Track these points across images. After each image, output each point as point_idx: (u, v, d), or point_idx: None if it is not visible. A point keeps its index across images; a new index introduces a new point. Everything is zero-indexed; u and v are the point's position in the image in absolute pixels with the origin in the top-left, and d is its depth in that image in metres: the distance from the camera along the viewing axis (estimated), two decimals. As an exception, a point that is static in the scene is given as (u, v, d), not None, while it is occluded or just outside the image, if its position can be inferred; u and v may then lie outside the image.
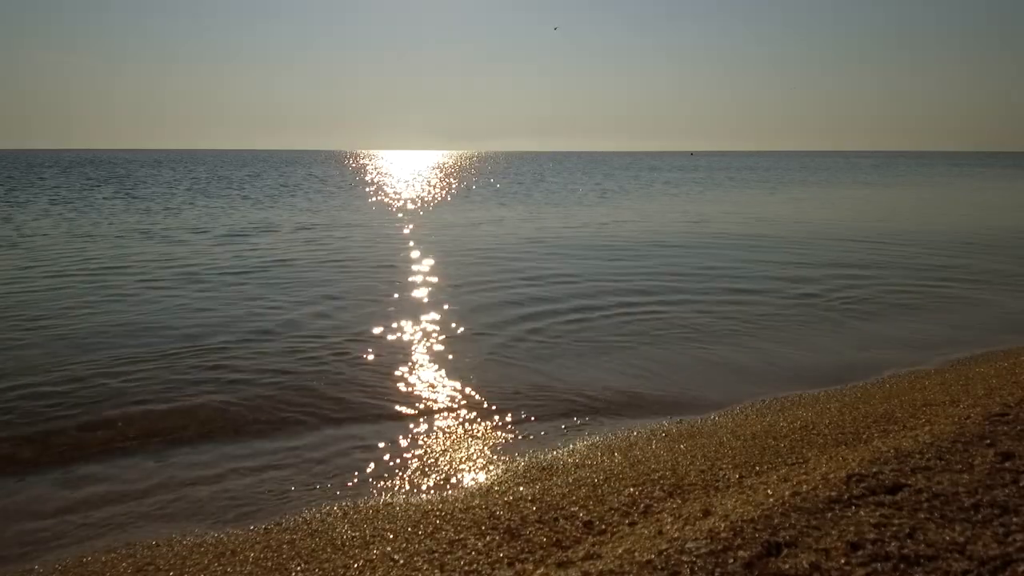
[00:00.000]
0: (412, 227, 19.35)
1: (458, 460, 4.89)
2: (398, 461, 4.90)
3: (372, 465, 4.85)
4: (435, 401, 6.04)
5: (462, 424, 5.56)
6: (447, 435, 5.35)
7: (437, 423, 5.58)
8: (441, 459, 4.91)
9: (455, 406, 5.93)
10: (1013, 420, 3.90)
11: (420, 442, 5.22)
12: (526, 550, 3.40)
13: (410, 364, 7.05)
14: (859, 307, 9.49)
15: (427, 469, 4.76)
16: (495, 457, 4.93)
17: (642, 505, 3.80)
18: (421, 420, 5.65)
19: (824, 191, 36.47)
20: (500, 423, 5.55)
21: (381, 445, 5.17)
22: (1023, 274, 12.16)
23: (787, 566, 2.53)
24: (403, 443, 5.21)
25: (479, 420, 5.63)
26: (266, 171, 60.65)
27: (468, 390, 6.30)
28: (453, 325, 8.55)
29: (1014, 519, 2.76)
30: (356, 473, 4.73)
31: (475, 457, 4.93)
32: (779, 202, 29.33)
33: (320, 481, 4.61)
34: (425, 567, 3.34)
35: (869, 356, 7.25)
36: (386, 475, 4.68)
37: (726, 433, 5.07)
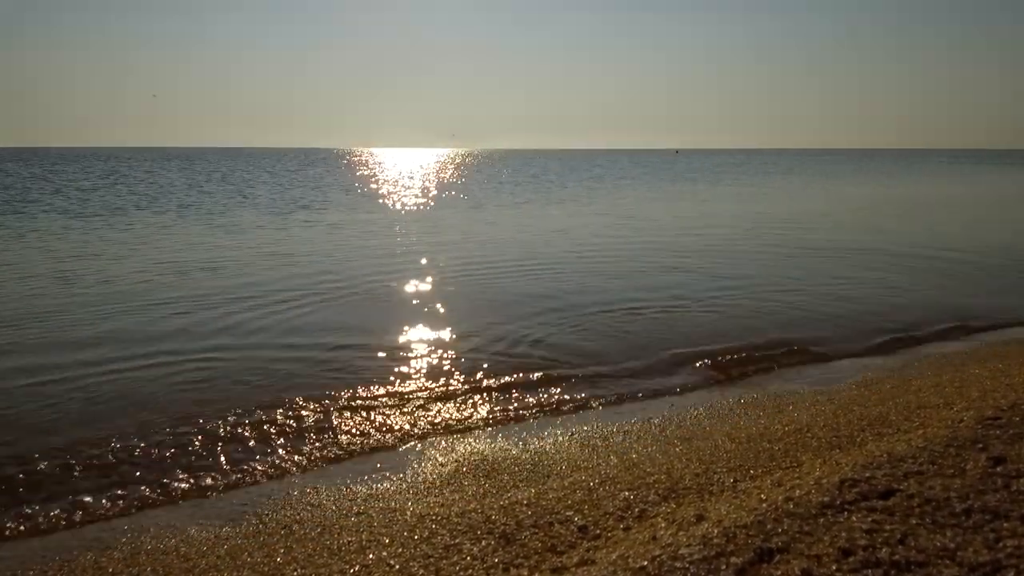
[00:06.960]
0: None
1: (454, 464, 4.90)
2: (394, 465, 4.91)
3: (368, 469, 4.86)
4: (432, 403, 6.06)
5: (458, 427, 5.58)
6: (443, 439, 5.36)
7: (433, 426, 5.60)
8: (437, 463, 4.92)
9: (452, 409, 5.94)
10: (1005, 424, 3.92)
11: (416, 446, 5.24)
12: (521, 555, 3.42)
13: (404, 364, 7.06)
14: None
15: (423, 473, 4.77)
16: (491, 461, 4.94)
17: (637, 509, 3.82)
18: (417, 423, 5.66)
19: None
20: (497, 426, 5.57)
21: (377, 448, 5.18)
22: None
23: (779, 572, 2.55)
24: (399, 446, 5.22)
25: (476, 423, 5.65)
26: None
27: (465, 392, 6.31)
28: (450, 325, 8.56)
29: (1004, 524, 2.79)
30: (352, 477, 4.74)
31: (471, 461, 4.94)
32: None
33: (316, 486, 4.63)
34: (421, 572, 3.36)
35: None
36: (382, 479, 4.69)
37: (721, 436, 5.09)
